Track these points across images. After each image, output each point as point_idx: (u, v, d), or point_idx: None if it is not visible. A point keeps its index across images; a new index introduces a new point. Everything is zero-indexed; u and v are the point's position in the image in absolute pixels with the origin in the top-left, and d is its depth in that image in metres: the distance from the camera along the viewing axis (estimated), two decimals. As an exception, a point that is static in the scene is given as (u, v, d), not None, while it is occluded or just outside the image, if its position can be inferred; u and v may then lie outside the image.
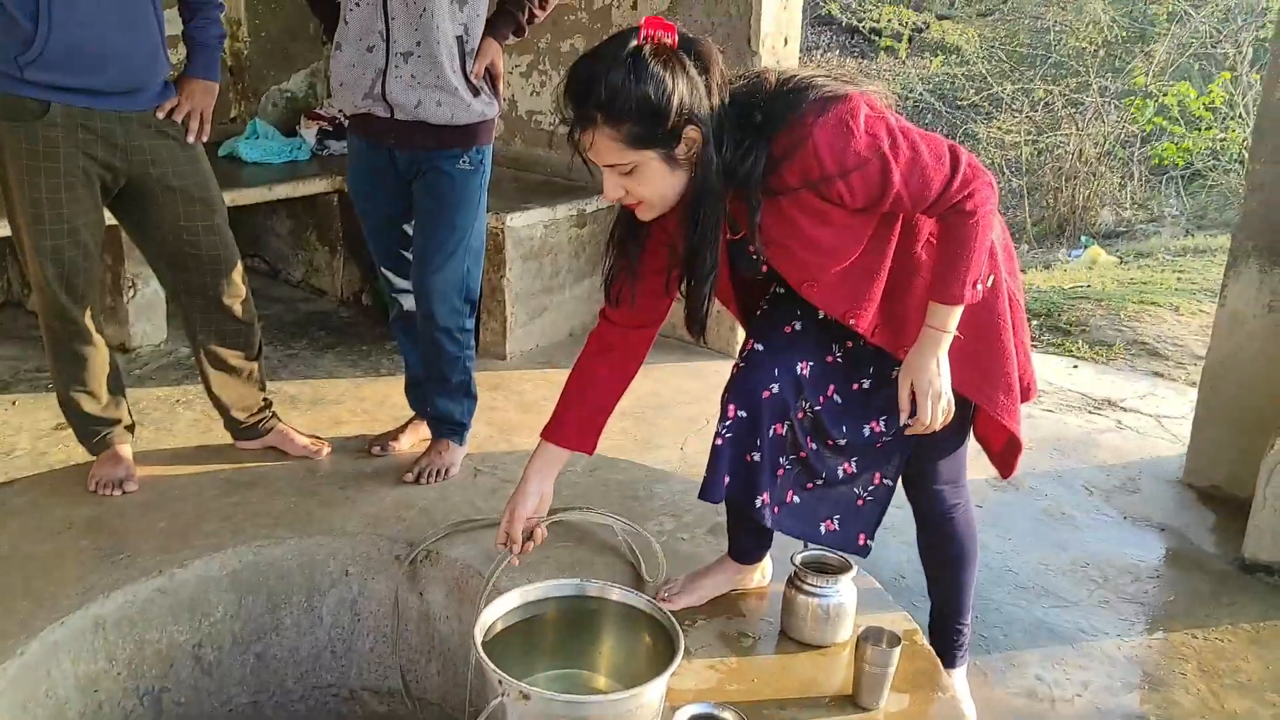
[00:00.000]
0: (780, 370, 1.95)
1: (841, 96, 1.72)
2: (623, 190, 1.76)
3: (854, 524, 2.07)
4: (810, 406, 1.98)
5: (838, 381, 2.00)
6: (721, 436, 1.97)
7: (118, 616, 2.17)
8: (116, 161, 2.46)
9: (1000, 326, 1.97)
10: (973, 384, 1.98)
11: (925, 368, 1.87)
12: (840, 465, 2.04)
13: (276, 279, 5.04)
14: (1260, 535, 2.89)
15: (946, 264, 1.83)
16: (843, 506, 2.06)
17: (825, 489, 2.05)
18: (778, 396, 1.95)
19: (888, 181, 1.72)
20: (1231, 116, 7.79)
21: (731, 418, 1.97)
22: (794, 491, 2.03)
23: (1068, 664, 2.54)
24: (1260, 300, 3.15)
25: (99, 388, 2.65)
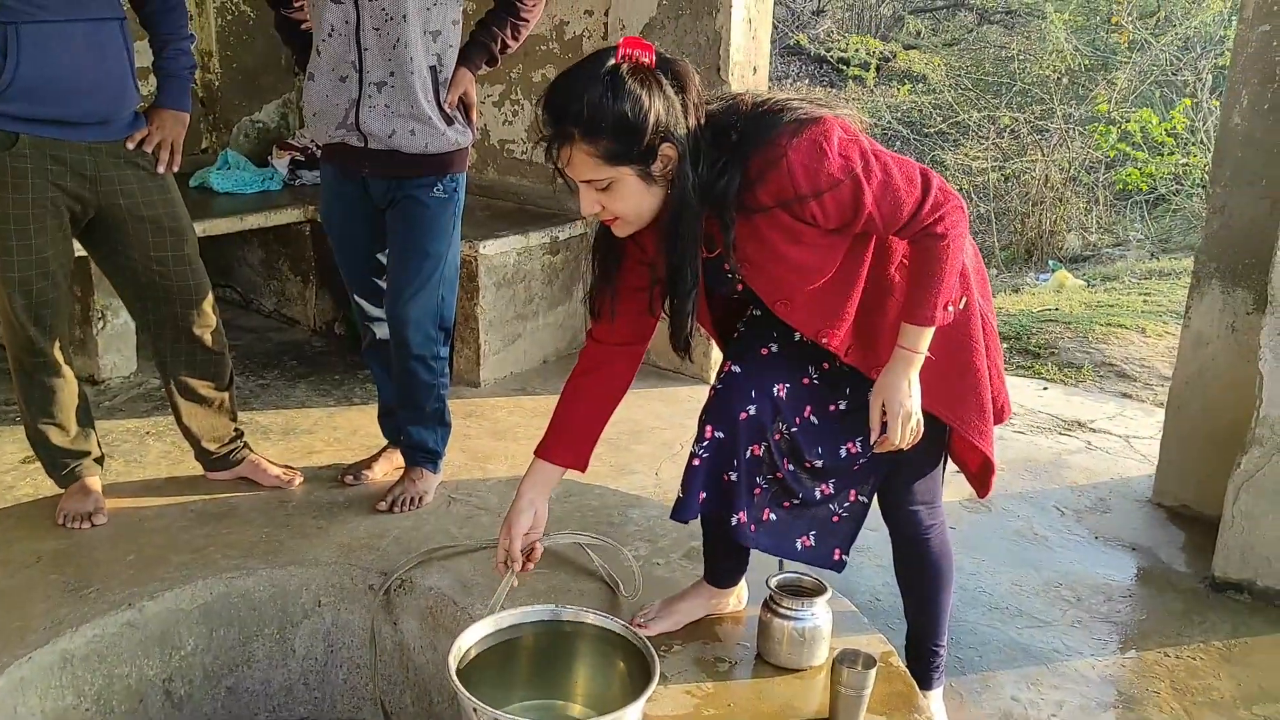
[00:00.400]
0: (757, 392, 1.97)
1: (816, 119, 1.75)
2: (599, 206, 1.78)
3: (830, 540, 2.08)
4: (787, 428, 1.99)
5: (814, 403, 2.02)
6: (698, 457, 1.98)
7: (86, 651, 2.14)
8: (86, 192, 2.45)
9: (973, 349, 2.00)
10: (946, 405, 2.00)
11: (896, 388, 1.88)
12: (818, 487, 2.05)
13: (248, 309, 5.01)
14: (1229, 553, 2.92)
15: (918, 286, 1.86)
16: (819, 524, 2.08)
17: (802, 508, 2.06)
18: (754, 418, 1.96)
19: (860, 203, 1.75)
20: (1193, 142, 7.92)
21: (709, 439, 1.98)
22: (770, 510, 2.04)
23: (1042, 684, 2.55)
24: (1223, 321, 3.19)
25: (67, 420, 2.62)
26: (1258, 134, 3.05)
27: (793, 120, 1.75)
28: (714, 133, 1.77)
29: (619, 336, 2.03)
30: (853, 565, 3.02)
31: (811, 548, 2.07)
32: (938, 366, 1.94)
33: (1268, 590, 2.87)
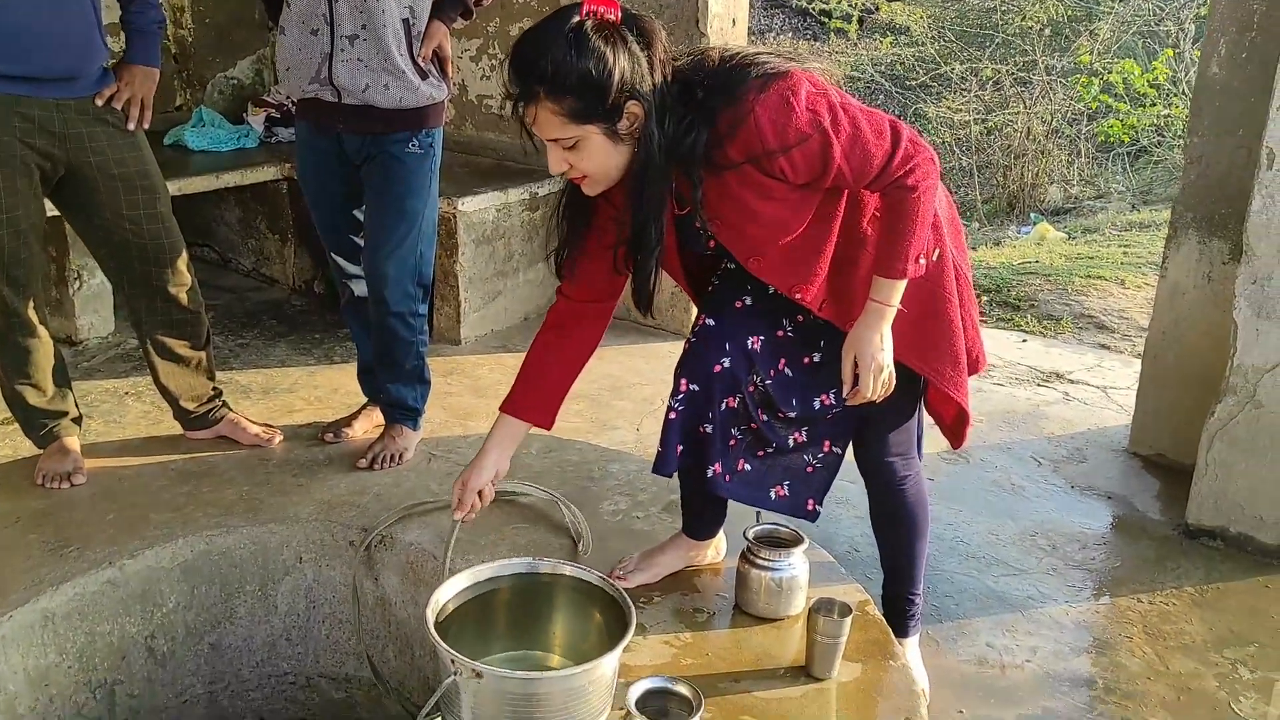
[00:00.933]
0: (731, 345, 1.98)
1: (783, 73, 1.74)
2: (566, 164, 1.78)
3: (804, 490, 2.10)
4: (761, 380, 2.00)
5: (788, 356, 2.03)
6: (674, 410, 2.01)
7: (67, 609, 2.15)
8: (55, 150, 2.42)
9: (946, 300, 2.00)
10: (919, 356, 2.01)
11: (869, 340, 1.89)
12: (791, 434, 2.07)
13: (226, 268, 4.98)
14: (1202, 501, 2.96)
15: (889, 239, 1.86)
16: (793, 473, 2.10)
17: (776, 456, 2.08)
18: (729, 371, 1.98)
19: (829, 157, 1.74)
20: (1175, 93, 7.91)
21: (684, 391, 2.00)
22: (745, 460, 2.06)
23: (1017, 631, 2.59)
24: (1200, 271, 3.21)
25: (44, 380, 2.61)
26: (1235, 83, 3.05)
27: (760, 75, 1.73)
28: (681, 89, 1.76)
29: (589, 294, 2.04)
30: (831, 516, 3.06)
31: (786, 498, 2.09)
32: (910, 318, 1.95)
33: (1240, 536, 2.91)
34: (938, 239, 1.97)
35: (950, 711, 2.31)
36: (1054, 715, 2.31)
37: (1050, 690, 2.39)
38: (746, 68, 1.76)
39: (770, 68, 1.75)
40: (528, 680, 1.54)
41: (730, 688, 1.91)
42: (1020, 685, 2.41)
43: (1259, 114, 2.83)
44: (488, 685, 1.51)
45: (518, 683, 1.53)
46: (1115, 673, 2.45)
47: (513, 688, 1.52)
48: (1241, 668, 2.47)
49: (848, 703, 1.89)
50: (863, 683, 1.95)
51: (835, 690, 1.92)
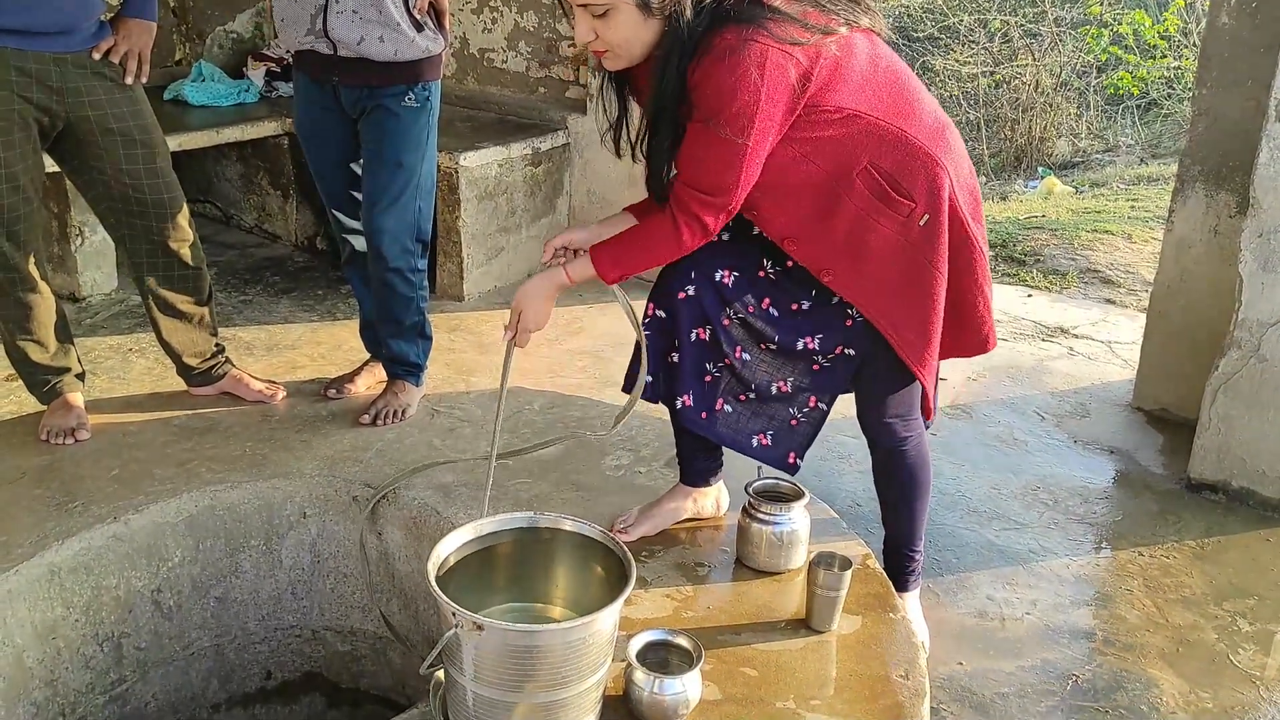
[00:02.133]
0: (697, 274, 2.01)
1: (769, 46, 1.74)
2: (593, 34, 1.79)
3: (786, 442, 2.12)
4: (736, 314, 2.03)
5: (774, 296, 2.04)
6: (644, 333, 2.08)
7: (73, 564, 2.16)
8: (53, 104, 2.41)
9: (934, 273, 1.97)
10: (888, 321, 1.99)
11: (531, 294, 2.02)
12: (774, 382, 2.08)
13: (229, 224, 4.97)
14: (1205, 455, 2.96)
15: (626, 238, 1.95)
16: (777, 424, 2.12)
17: (759, 404, 2.10)
18: (694, 299, 2.02)
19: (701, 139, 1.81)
20: (1186, 45, 7.80)
21: (650, 315, 2.08)
22: (725, 401, 2.09)
23: (1017, 584, 2.61)
24: (1206, 225, 3.19)
25: (46, 336, 2.61)
26: (1244, 33, 3.01)
27: (757, 29, 1.74)
28: None
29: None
30: (833, 471, 3.07)
31: (768, 447, 2.12)
32: (892, 283, 1.95)
33: (1242, 490, 2.92)
34: (932, 204, 1.93)
35: (950, 663, 2.33)
36: (1053, 667, 2.33)
37: (1050, 642, 2.41)
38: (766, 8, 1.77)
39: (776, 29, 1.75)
40: (529, 633, 1.55)
41: (730, 640, 1.92)
42: (1020, 637, 2.43)
43: (1268, 65, 2.79)
44: (489, 638, 1.52)
45: (519, 635, 1.54)
46: (1114, 625, 2.47)
47: (514, 640, 1.53)
48: (1241, 620, 2.49)
49: (847, 655, 1.91)
50: (862, 635, 1.96)
51: (835, 643, 1.94)
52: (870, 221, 1.91)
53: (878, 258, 1.93)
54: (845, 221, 1.90)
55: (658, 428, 2.67)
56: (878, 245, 1.93)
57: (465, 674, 1.56)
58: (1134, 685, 2.28)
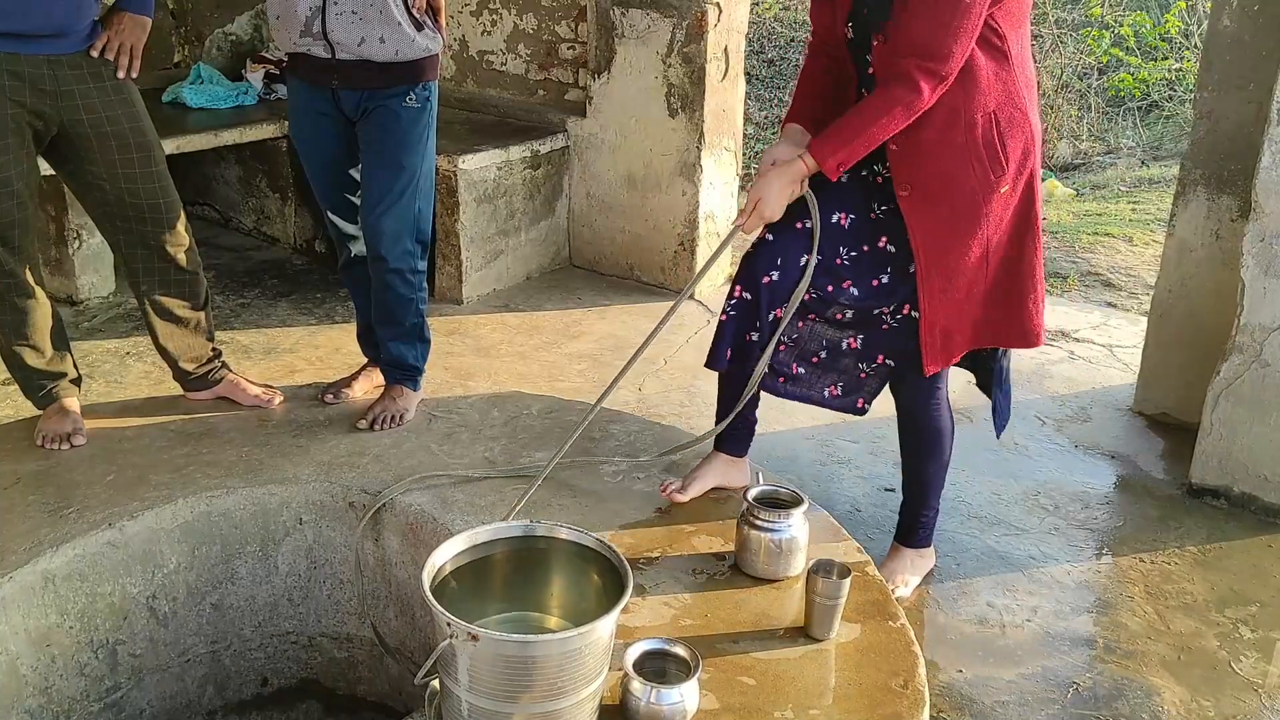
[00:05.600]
0: (784, 260, 2.18)
1: None
2: None
3: (855, 392, 2.34)
4: (816, 291, 2.21)
5: (853, 278, 2.22)
6: (725, 314, 2.22)
7: (67, 570, 2.15)
8: (47, 108, 2.39)
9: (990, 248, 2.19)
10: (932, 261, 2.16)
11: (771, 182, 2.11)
12: (845, 339, 2.27)
13: (227, 227, 4.95)
14: (1207, 460, 2.95)
15: (841, 128, 2.05)
16: (846, 376, 2.32)
17: (830, 360, 2.30)
18: (778, 284, 2.18)
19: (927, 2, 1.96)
20: (1187, 46, 7.79)
21: (736, 298, 2.21)
22: (798, 365, 2.29)
23: (1018, 590, 2.59)
24: (1208, 228, 3.17)
25: (42, 341, 2.60)
26: (1246, 36, 2.99)
27: None
28: None
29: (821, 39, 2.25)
30: (832, 476, 3.05)
31: (838, 396, 2.34)
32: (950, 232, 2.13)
33: (1244, 496, 2.90)
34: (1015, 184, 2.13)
35: (950, 670, 2.32)
36: (1054, 674, 2.32)
37: (1050, 649, 2.39)
38: None
39: None
40: (524, 643, 1.54)
41: (729, 648, 1.91)
42: (1020, 644, 2.41)
43: (1270, 69, 2.78)
44: (484, 648, 1.51)
45: (515, 645, 1.52)
46: (1116, 632, 2.45)
47: (510, 650, 1.52)
48: (1243, 627, 2.47)
49: (846, 663, 1.89)
50: (861, 644, 1.94)
51: (834, 651, 1.92)
52: (967, 164, 2.08)
53: (956, 201, 2.11)
54: (950, 152, 2.07)
55: (656, 432, 2.66)
56: (959, 191, 2.10)
57: (460, 684, 1.55)
58: (1135, 693, 2.27)
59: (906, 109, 2.00)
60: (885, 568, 2.50)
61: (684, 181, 4.17)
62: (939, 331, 2.21)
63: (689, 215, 4.18)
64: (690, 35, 4.01)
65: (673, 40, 4.05)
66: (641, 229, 4.32)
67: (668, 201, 4.22)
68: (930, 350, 2.22)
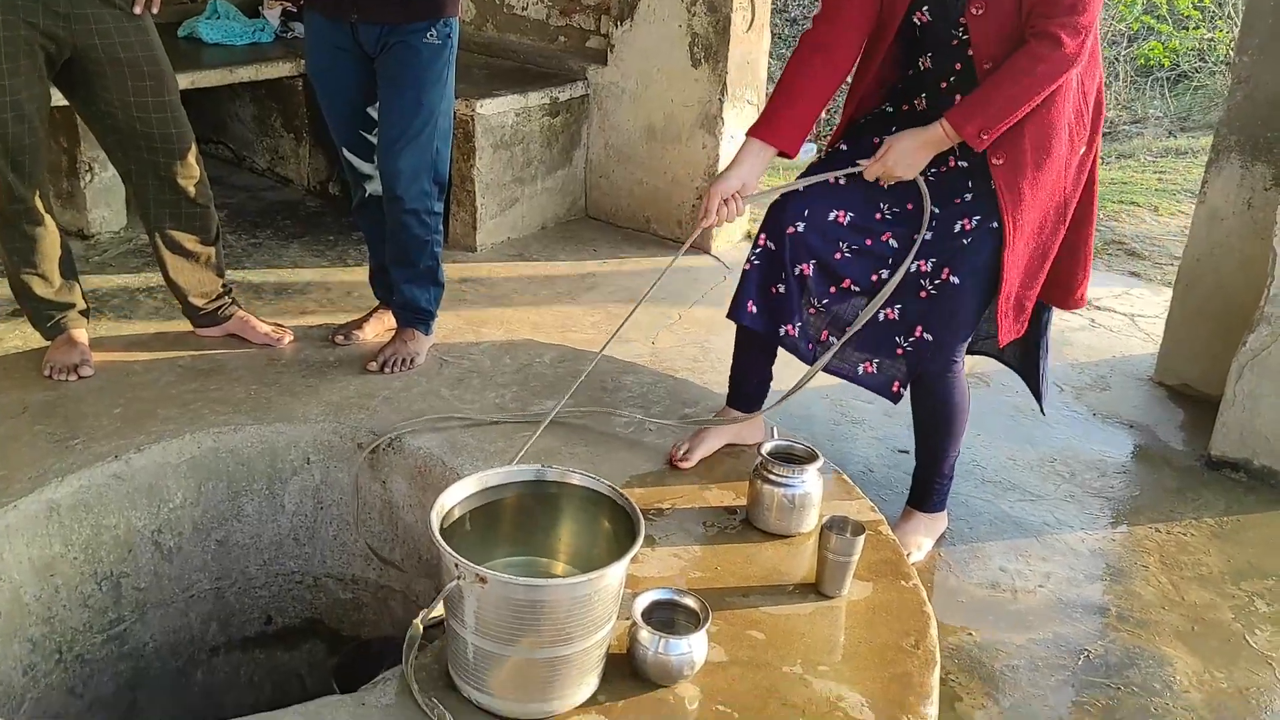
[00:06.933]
0: (810, 212, 2.12)
1: None
2: None
3: (891, 371, 2.23)
4: (850, 247, 2.14)
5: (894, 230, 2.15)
6: (750, 263, 2.18)
7: (73, 501, 2.13)
8: (60, 31, 2.34)
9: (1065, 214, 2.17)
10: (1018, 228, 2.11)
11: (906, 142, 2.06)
12: (883, 310, 2.17)
13: (240, 166, 4.90)
14: (1228, 432, 2.90)
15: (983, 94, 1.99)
16: (883, 352, 2.21)
17: (866, 331, 2.18)
18: (801, 236, 2.13)
19: None
20: (1220, 15, 7.64)
21: (760, 246, 2.18)
22: (829, 333, 2.20)
23: (1031, 556, 2.56)
24: (1240, 197, 3.10)
25: (51, 271, 2.57)
26: (1291, -1, 2.91)
27: None
28: None
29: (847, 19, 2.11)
30: (846, 435, 3.02)
31: (873, 374, 2.22)
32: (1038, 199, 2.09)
33: (1264, 469, 2.86)
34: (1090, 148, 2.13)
35: (960, 633, 2.29)
36: (1065, 641, 2.29)
37: (1062, 616, 2.37)
38: None
39: None
40: (533, 587, 1.51)
41: (738, 602, 1.88)
42: (1032, 610, 2.38)
43: (1315, 31, 2.70)
44: (492, 591, 1.48)
45: (523, 589, 1.49)
46: (1129, 601, 2.42)
47: (518, 594, 1.49)
48: (1259, 600, 2.44)
49: (857, 621, 1.86)
50: (873, 602, 1.91)
51: (845, 609, 1.89)
52: (1059, 132, 2.05)
53: (1046, 167, 2.07)
54: (1044, 122, 2.03)
55: (669, 385, 2.62)
56: (1051, 159, 2.07)
57: (467, 626, 1.53)
58: (1147, 663, 2.24)
59: (1054, 67, 1.95)
60: (898, 530, 2.47)
61: (704, 134, 4.10)
62: (1014, 299, 2.17)
63: (709, 168, 4.11)
64: (716, -17, 3.93)
65: (698, -12, 3.97)
66: (660, 181, 4.26)
67: (687, 154, 4.15)
68: (1006, 318, 2.19)
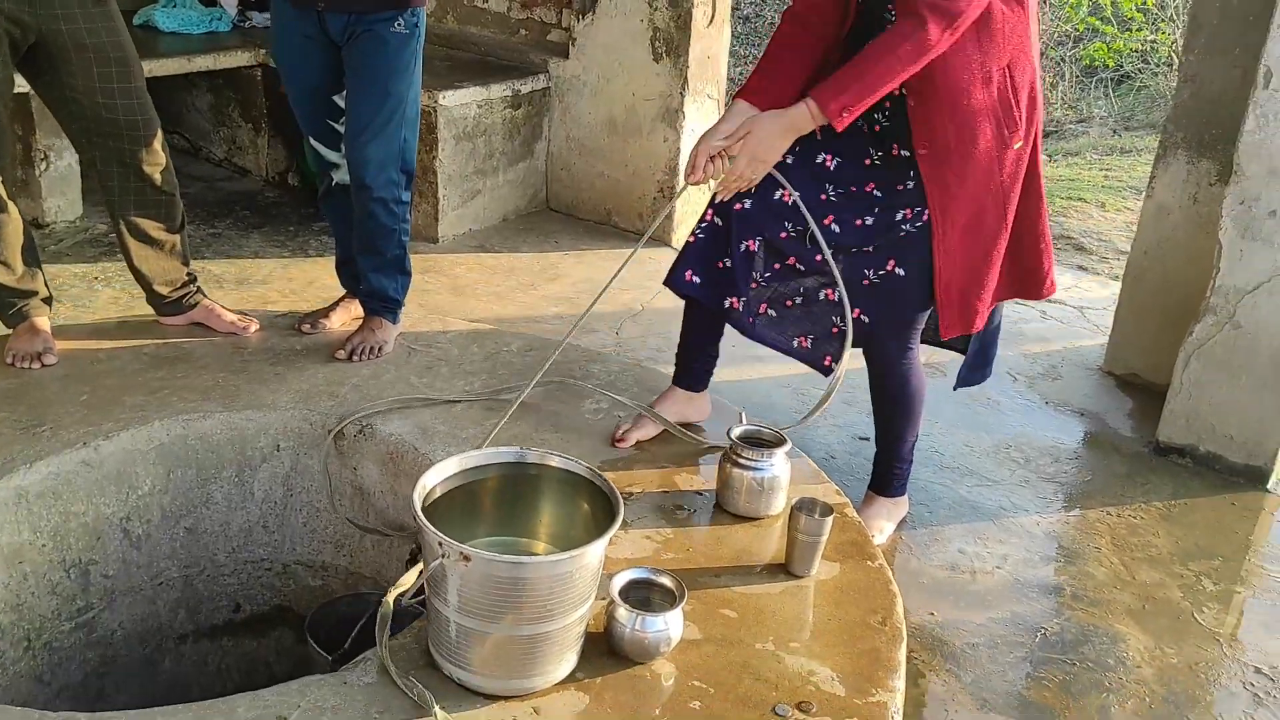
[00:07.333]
0: (758, 190, 2.14)
1: None
2: None
3: (824, 346, 2.26)
4: (795, 227, 2.15)
5: (836, 214, 2.16)
6: (695, 235, 2.23)
7: (41, 489, 2.11)
8: (25, 15, 2.32)
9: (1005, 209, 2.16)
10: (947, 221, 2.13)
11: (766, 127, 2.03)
12: (824, 289, 2.21)
13: (198, 156, 4.85)
14: (1175, 419, 3.00)
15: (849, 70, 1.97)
16: (819, 329, 2.25)
17: (804, 308, 2.23)
18: (749, 213, 2.17)
19: None
20: (1162, 18, 7.83)
21: (707, 221, 2.22)
22: (770, 306, 2.24)
23: (989, 539, 2.63)
24: (1186, 192, 3.20)
25: (13, 258, 2.54)
26: (1234, 1, 3.01)
27: None
28: None
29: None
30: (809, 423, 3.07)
31: (807, 348, 2.27)
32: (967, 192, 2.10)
33: (1209, 455, 2.96)
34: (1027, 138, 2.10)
35: (922, 613, 2.36)
36: (1022, 619, 2.36)
37: (1019, 596, 2.44)
38: None
39: None
40: (515, 564, 1.54)
41: (710, 582, 1.92)
42: (990, 590, 2.45)
43: (1257, 34, 2.80)
44: (475, 569, 1.50)
45: (505, 566, 1.52)
46: (1083, 581, 2.50)
47: (500, 572, 1.52)
48: (1205, 580, 2.53)
49: (825, 600, 1.92)
50: (840, 581, 1.96)
51: (814, 588, 1.94)
52: (985, 122, 2.05)
53: (974, 159, 2.06)
54: (968, 111, 2.03)
55: (635, 374, 2.66)
56: (977, 150, 2.06)
57: (450, 605, 1.55)
58: (1101, 639, 2.32)
59: (915, 47, 1.91)
60: (861, 514, 2.52)
61: (666, 128, 4.14)
62: (956, 290, 2.18)
63: (669, 162, 4.15)
64: (678, -22, 3.97)
65: (660, -17, 4.01)
66: (621, 174, 4.29)
67: (649, 147, 4.19)
68: (947, 310, 2.19)
